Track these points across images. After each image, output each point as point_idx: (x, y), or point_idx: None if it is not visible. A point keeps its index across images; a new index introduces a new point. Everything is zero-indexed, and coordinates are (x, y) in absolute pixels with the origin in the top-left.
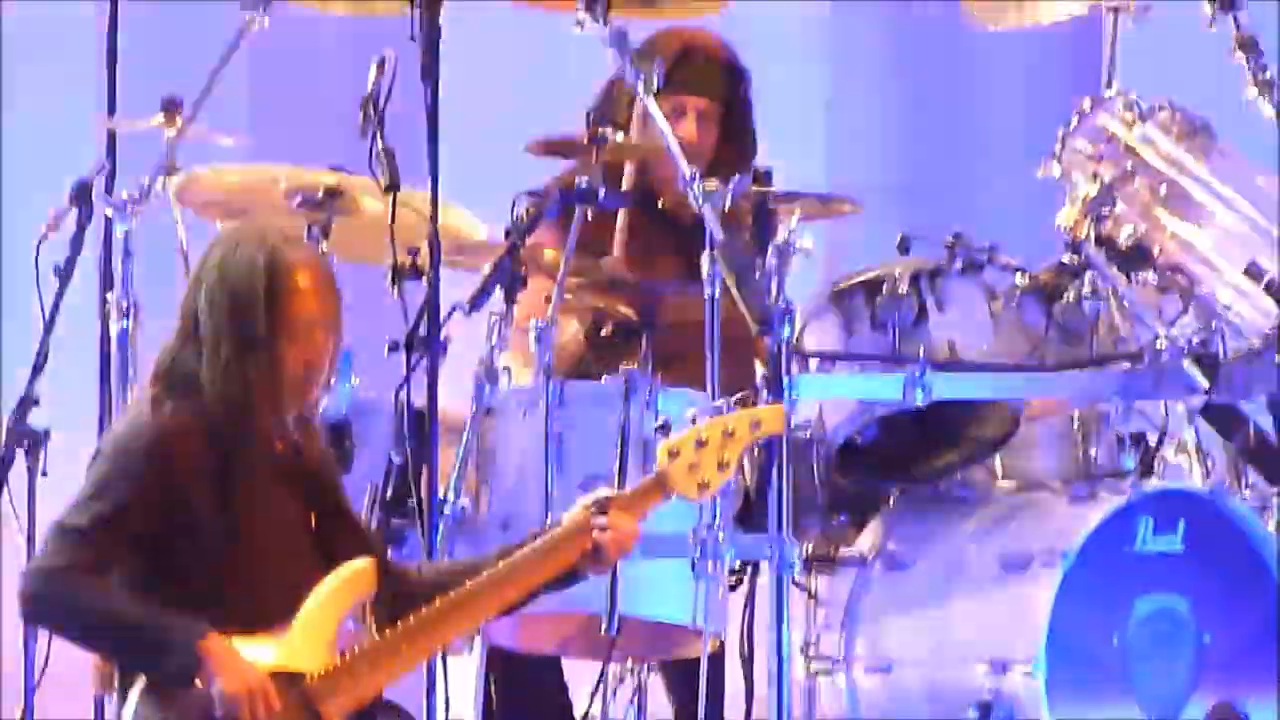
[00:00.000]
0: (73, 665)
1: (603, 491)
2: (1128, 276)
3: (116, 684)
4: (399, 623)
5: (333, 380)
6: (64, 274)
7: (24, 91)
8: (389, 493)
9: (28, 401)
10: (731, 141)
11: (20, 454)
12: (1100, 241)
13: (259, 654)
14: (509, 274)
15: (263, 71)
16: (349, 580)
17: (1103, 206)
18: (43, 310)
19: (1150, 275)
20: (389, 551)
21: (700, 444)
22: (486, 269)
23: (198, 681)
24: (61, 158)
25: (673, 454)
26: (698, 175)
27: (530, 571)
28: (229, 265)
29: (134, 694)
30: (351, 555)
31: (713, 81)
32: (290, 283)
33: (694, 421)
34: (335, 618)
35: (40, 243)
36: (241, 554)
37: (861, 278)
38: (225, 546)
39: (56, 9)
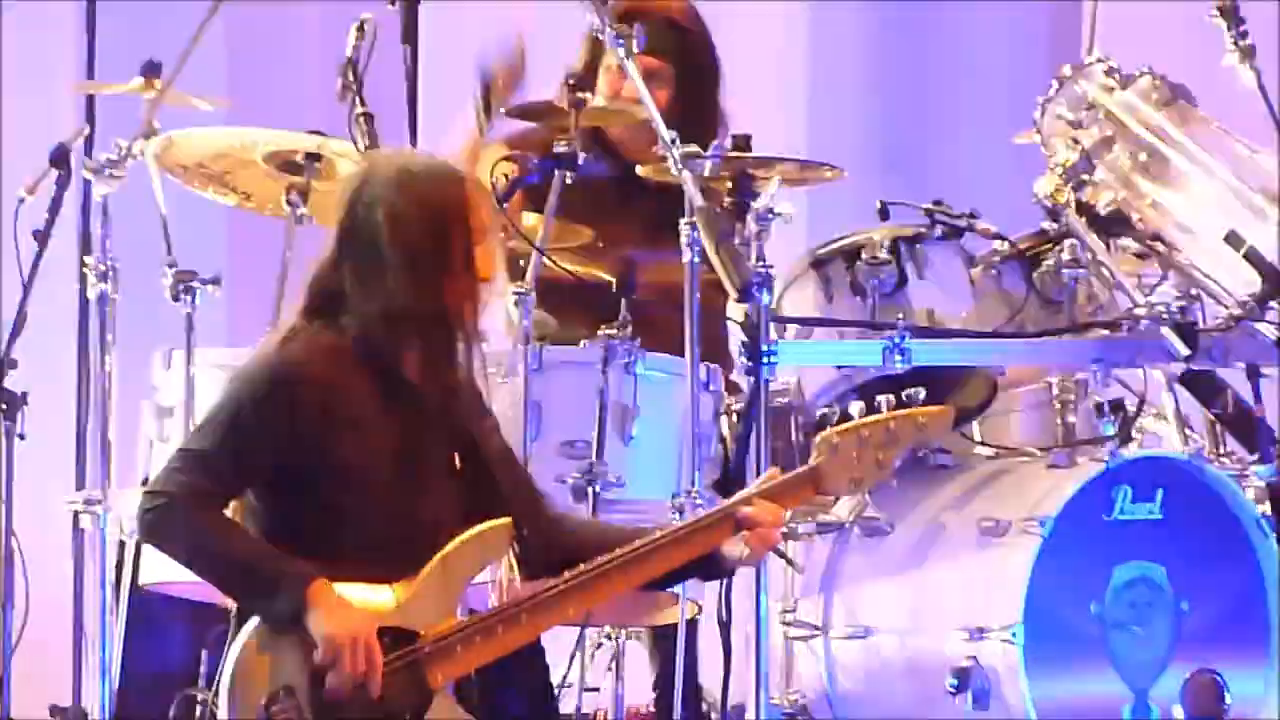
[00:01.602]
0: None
1: (749, 489)
2: (1107, 244)
3: (233, 614)
4: (525, 592)
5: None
6: (42, 237)
7: (3, 56)
8: None
9: (5, 364)
10: (683, 105)
11: None
12: (1080, 208)
13: (377, 602)
14: None
15: (240, 35)
16: (482, 541)
17: (1082, 173)
18: (21, 273)
19: (1130, 242)
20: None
21: (862, 441)
22: None
23: (304, 624)
24: (40, 121)
25: (833, 448)
26: (676, 139)
27: (667, 555)
28: (405, 182)
29: (248, 627)
30: (494, 505)
31: (659, 41)
32: (470, 195)
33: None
34: (462, 578)
35: (18, 206)
36: (372, 494)
37: (841, 244)
38: (355, 484)
39: None
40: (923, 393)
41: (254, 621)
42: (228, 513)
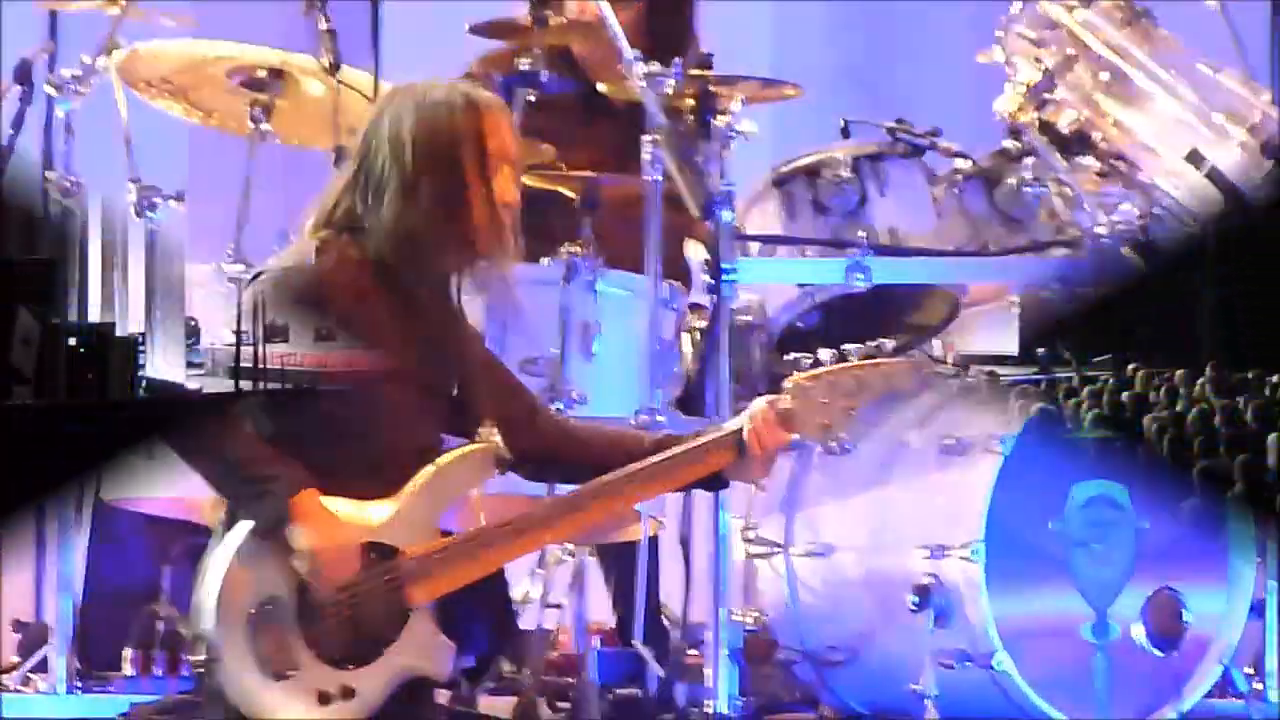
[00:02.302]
0: None
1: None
2: (1069, 162)
3: (224, 518)
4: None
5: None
6: (5, 153)
7: None
8: None
9: None
10: (650, 25)
11: None
12: (1042, 127)
13: (363, 518)
14: None
15: None
16: (466, 462)
17: (1044, 92)
18: None
19: (1091, 161)
20: (532, 408)
21: (830, 387)
22: None
23: (287, 532)
24: (2, 36)
25: (803, 391)
26: (640, 58)
27: (663, 480)
28: (424, 108)
29: (233, 539)
30: (481, 424)
31: None
32: (489, 120)
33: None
34: (445, 498)
35: None
36: (375, 410)
37: (803, 162)
38: (363, 398)
39: None
40: (891, 344)
41: (238, 533)
42: None
